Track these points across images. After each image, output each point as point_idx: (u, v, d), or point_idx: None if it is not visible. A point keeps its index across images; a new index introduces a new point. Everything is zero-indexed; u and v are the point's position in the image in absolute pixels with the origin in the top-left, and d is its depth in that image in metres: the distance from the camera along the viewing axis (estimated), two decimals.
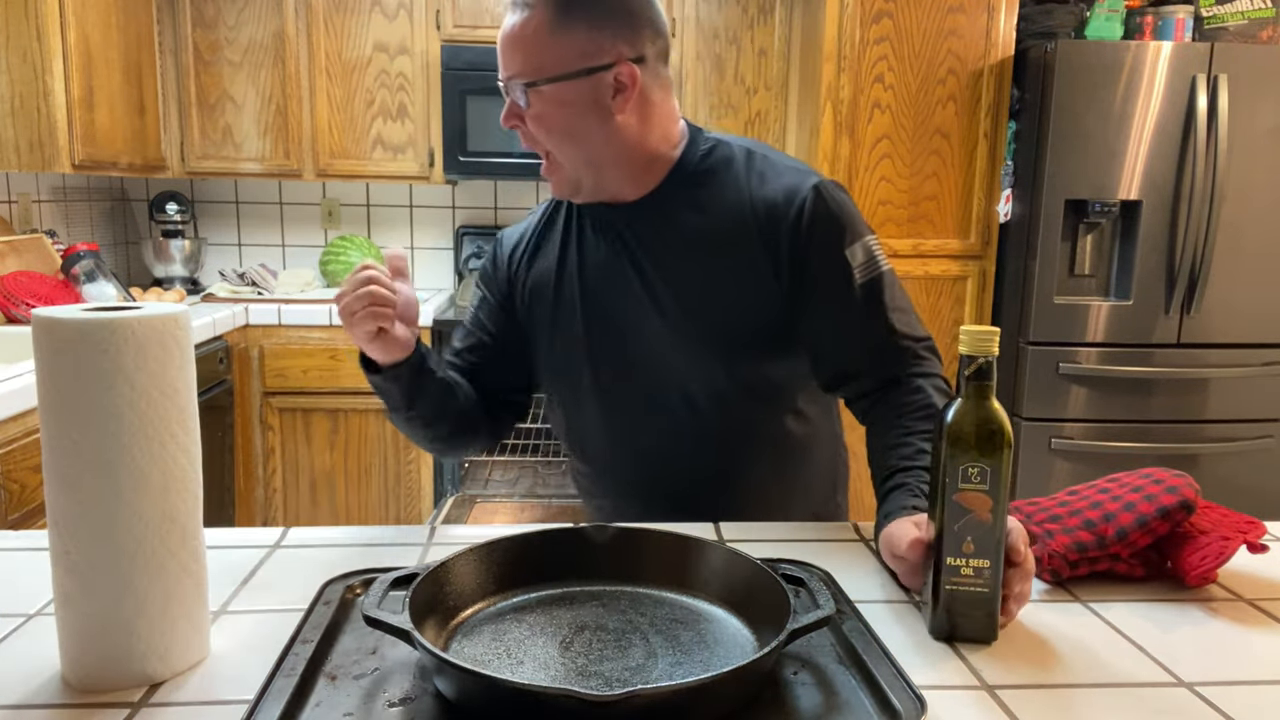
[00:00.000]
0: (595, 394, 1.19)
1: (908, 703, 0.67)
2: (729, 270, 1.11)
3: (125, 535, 0.70)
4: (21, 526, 1.76)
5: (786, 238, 1.09)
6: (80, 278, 2.64)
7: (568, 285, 1.18)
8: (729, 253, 1.11)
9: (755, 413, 1.17)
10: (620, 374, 1.17)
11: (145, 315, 0.69)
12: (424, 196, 3.54)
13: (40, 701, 0.70)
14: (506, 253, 1.26)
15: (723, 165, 1.14)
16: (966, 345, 0.78)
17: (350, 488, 3.09)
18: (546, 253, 1.22)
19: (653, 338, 1.14)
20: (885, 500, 1.00)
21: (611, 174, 1.12)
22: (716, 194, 1.13)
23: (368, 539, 1.04)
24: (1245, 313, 2.80)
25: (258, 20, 3.09)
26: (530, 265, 1.23)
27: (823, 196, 1.09)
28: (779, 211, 1.09)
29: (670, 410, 1.16)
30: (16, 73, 2.40)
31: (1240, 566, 0.97)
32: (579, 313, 1.17)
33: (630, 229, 1.15)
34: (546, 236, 1.23)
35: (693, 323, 1.12)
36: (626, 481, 1.23)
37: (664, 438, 1.17)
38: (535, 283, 1.22)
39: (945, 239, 2.91)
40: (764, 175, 1.12)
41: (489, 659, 0.75)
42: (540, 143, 1.10)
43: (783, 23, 3.16)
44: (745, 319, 1.12)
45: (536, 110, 1.07)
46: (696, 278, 1.12)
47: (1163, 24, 2.84)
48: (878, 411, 1.12)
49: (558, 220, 1.23)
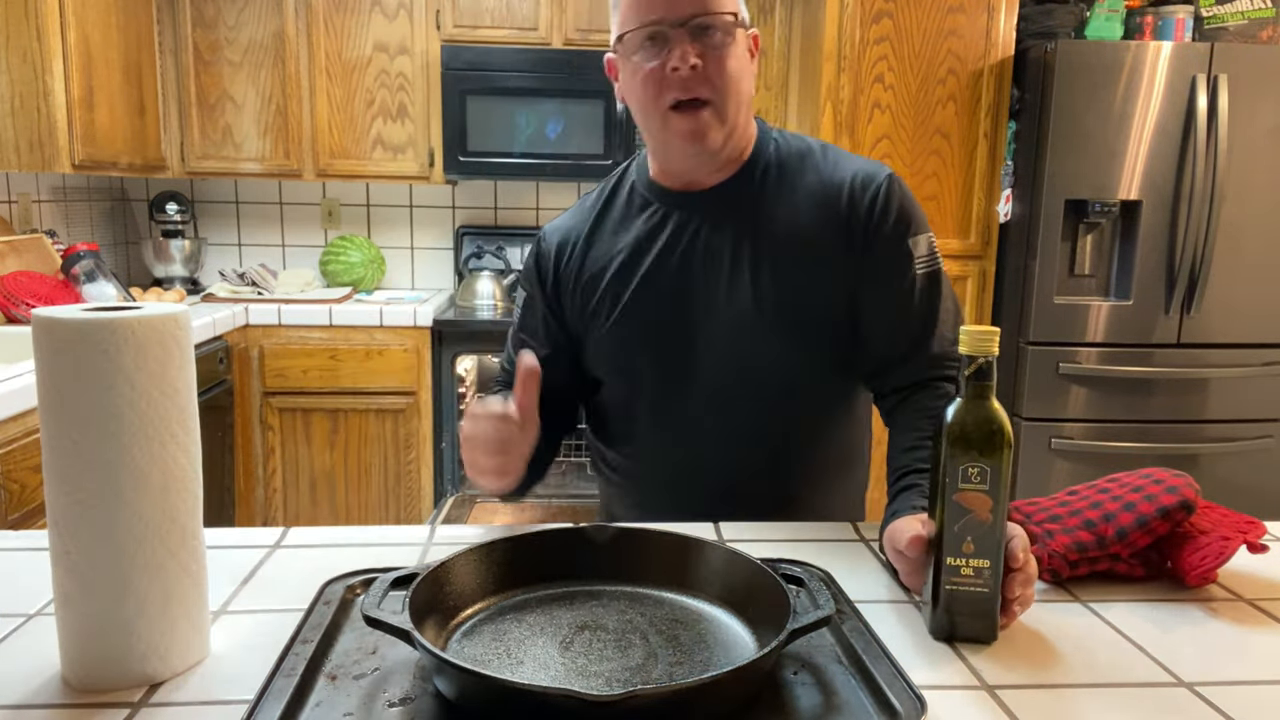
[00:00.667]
0: (662, 382, 1.16)
1: (908, 703, 0.67)
2: (814, 258, 1.12)
3: (125, 535, 0.70)
4: (21, 526, 1.76)
5: (863, 218, 1.11)
6: (80, 278, 2.64)
7: (644, 272, 1.15)
8: (814, 241, 1.12)
9: (820, 409, 1.19)
10: (696, 362, 1.15)
11: (145, 315, 0.69)
12: (424, 196, 3.54)
13: (40, 701, 0.70)
14: (554, 247, 1.22)
15: (800, 154, 1.16)
16: (966, 345, 0.79)
17: (350, 488, 3.09)
18: (607, 242, 1.19)
19: (736, 325, 1.13)
20: (894, 499, 1.01)
21: (734, 140, 1.12)
22: (799, 182, 1.14)
23: (368, 539, 1.03)
24: (1245, 313, 2.80)
25: (258, 20, 3.09)
26: (585, 257, 1.20)
27: (897, 183, 1.14)
28: (857, 193, 1.12)
29: (739, 399, 1.15)
30: (16, 73, 2.40)
31: (1240, 566, 0.97)
32: (658, 300, 1.14)
33: (717, 214, 1.14)
34: (602, 226, 1.20)
35: (779, 311, 1.12)
36: (675, 478, 1.20)
37: (731, 426, 1.16)
38: (594, 273, 1.18)
39: (945, 239, 2.91)
40: (838, 163, 1.15)
41: (489, 659, 0.75)
42: (718, 87, 1.07)
43: (783, 23, 3.16)
44: (826, 308, 1.13)
45: (734, 50, 1.07)
46: (784, 265, 1.12)
47: (1163, 24, 2.84)
48: (903, 411, 1.12)
49: (613, 208, 1.21)
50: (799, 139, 1.19)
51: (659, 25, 1.05)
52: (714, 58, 1.05)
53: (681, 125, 1.08)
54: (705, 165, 1.13)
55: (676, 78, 1.05)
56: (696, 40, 1.05)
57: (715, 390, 1.15)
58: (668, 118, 1.08)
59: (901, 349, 1.13)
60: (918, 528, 0.87)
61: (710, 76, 1.06)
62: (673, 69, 1.05)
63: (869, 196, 1.12)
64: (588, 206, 1.24)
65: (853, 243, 1.11)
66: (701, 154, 1.10)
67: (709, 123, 1.08)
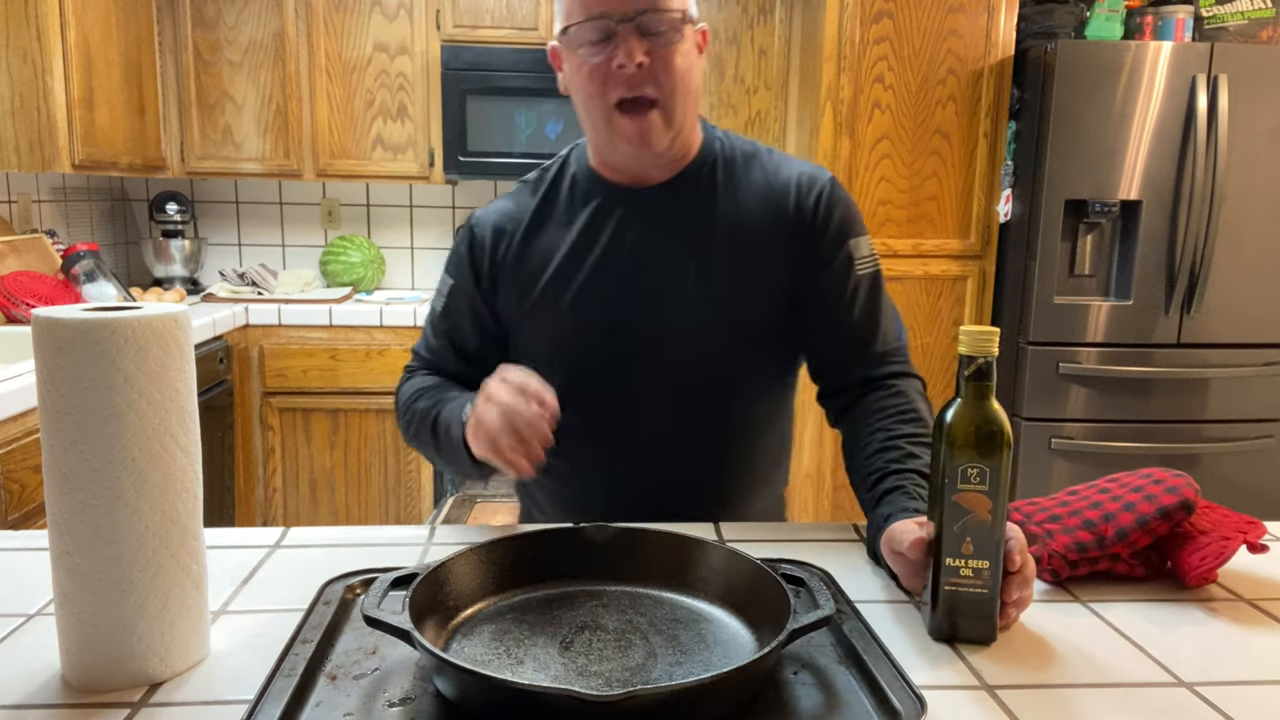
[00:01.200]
0: (603, 380, 1.16)
1: (908, 703, 0.67)
2: (758, 258, 1.12)
3: (125, 535, 0.70)
4: (21, 526, 1.76)
5: (808, 219, 1.13)
6: (80, 278, 2.64)
7: (588, 269, 1.13)
8: (759, 241, 1.12)
9: (757, 407, 1.19)
10: (637, 361, 1.14)
11: (145, 315, 0.69)
12: (424, 196, 3.54)
13: (40, 701, 0.70)
14: (489, 235, 1.19)
15: (746, 154, 1.17)
16: (966, 345, 0.78)
17: (350, 488, 3.09)
18: (549, 234, 1.16)
19: (680, 324, 1.13)
20: (881, 503, 0.99)
21: (680, 139, 1.11)
22: (744, 182, 1.15)
23: (368, 539, 1.03)
24: (1245, 313, 2.80)
25: (258, 20, 3.09)
26: (526, 247, 1.17)
27: (839, 186, 1.16)
28: (802, 194, 1.13)
29: (680, 398, 1.15)
30: (16, 73, 2.40)
31: (1240, 566, 0.97)
32: (602, 297, 1.13)
33: (662, 212, 1.13)
34: (543, 216, 1.17)
35: (721, 310, 1.12)
36: (607, 477, 1.19)
37: (669, 425, 1.16)
38: (536, 265, 1.16)
39: (945, 239, 2.91)
40: (781, 165, 1.17)
41: (489, 659, 0.75)
42: (665, 86, 1.05)
43: (783, 23, 3.16)
44: (769, 307, 1.14)
45: (681, 47, 1.05)
46: (729, 264, 1.12)
47: (1163, 24, 2.84)
48: (861, 413, 1.12)
49: (556, 199, 1.18)
50: (743, 140, 1.19)
51: (605, 19, 1.03)
52: (661, 55, 1.04)
53: (628, 127, 1.06)
54: (649, 164, 1.13)
55: (622, 75, 1.04)
56: (644, 37, 1.03)
57: (655, 389, 1.15)
58: (613, 116, 1.06)
59: (849, 348, 1.15)
60: (917, 530, 0.87)
61: (657, 74, 1.04)
62: (618, 66, 1.03)
63: (813, 198, 1.13)
64: (526, 195, 1.20)
65: (797, 243, 1.13)
66: (647, 155, 1.10)
67: (655, 124, 1.06)
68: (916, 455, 1.02)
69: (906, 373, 1.16)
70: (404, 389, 1.23)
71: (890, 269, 2.88)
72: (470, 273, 1.20)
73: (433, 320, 1.25)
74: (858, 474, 1.08)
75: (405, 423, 1.21)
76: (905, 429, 1.06)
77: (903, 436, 1.05)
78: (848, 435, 1.14)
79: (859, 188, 2.87)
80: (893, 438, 1.05)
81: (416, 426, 1.16)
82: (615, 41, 1.03)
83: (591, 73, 1.05)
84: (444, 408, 1.11)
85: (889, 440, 1.05)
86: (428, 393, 1.18)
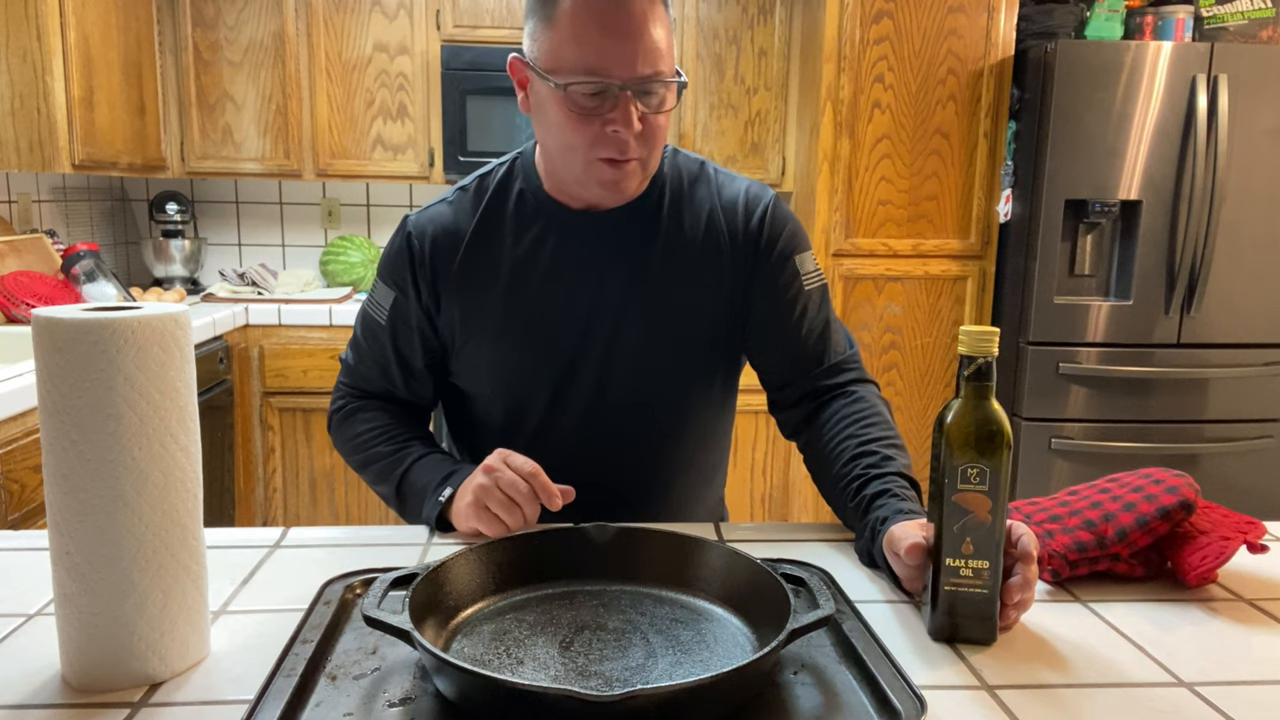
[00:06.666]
0: (551, 401, 1.15)
1: (908, 703, 0.67)
2: (707, 277, 1.13)
3: (125, 535, 0.70)
4: (21, 526, 1.76)
5: (754, 236, 1.14)
6: (80, 278, 2.64)
7: (537, 288, 1.12)
8: (706, 260, 1.13)
9: (703, 423, 1.21)
10: (585, 378, 1.14)
11: (145, 315, 0.69)
12: (424, 196, 3.54)
13: (40, 701, 0.70)
14: (429, 244, 1.14)
15: (691, 175, 1.17)
16: (966, 345, 0.78)
17: (350, 488, 3.09)
18: (496, 249, 1.13)
19: (631, 345, 1.13)
20: (872, 508, 0.98)
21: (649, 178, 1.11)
22: (691, 202, 1.15)
23: (368, 539, 1.04)
24: (1245, 313, 2.80)
25: (258, 20, 3.09)
26: (472, 260, 1.13)
27: (781, 204, 1.17)
28: (744, 213, 1.15)
29: (628, 418, 1.16)
30: (16, 73, 2.39)
31: (1240, 566, 0.97)
32: (552, 317, 1.12)
33: (611, 234, 1.12)
34: (489, 229, 1.13)
35: (671, 329, 1.13)
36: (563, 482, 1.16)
37: (617, 444, 1.16)
38: (482, 281, 1.13)
39: (945, 239, 2.91)
40: (726, 184, 1.18)
41: (489, 659, 0.75)
42: (650, 145, 1.04)
43: (783, 23, 3.16)
44: (717, 325, 1.15)
45: (668, 108, 1.04)
46: (678, 284, 1.13)
47: (1163, 24, 2.85)
48: (819, 423, 1.13)
49: (503, 213, 1.14)
50: (687, 158, 1.19)
51: (606, 81, 0.98)
52: (652, 121, 1.03)
53: (607, 176, 1.04)
54: (616, 203, 1.11)
55: (615, 138, 1.00)
56: (641, 99, 1.01)
57: (599, 408, 1.15)
58: (593, 164, 1.04)
59: (802, 362, 1.16)
60: (918, 533, 0.87)
61: (646, 138, 1.03)
62: (613, 130, 1.00)
63: (758, 215, 1.14)
64: (467, 206, 1.15)
65: (743, 262, 1.14)
66: (619, 199, 1.09)
67: (634, 174, 1.05)
68: (892, 458, 1.03)
69: (862, 379, 1.17)
70: (356, 419, 1.21)
71: (890, 269, 2.89)
72: (412, 284, 1.15)
73: (370, 333, 1.19)
74: (832, 483, 1.07)
75: (359, 460, 1.20)
76: (874, 433, 1.06)
77: (874, 440, 1.05)
78: (812, 446, 1.13)
79: (859, 188, 2.88)
80: (865, 443, 1.05)
81: (376, 472, 1.16)
82: (613, 103, 1.00)
83: (579, 127, 1.01)
84: (412, 470, 1.12)
85: (862, 446, 1.05)
86: (386, 435, 1.17)
